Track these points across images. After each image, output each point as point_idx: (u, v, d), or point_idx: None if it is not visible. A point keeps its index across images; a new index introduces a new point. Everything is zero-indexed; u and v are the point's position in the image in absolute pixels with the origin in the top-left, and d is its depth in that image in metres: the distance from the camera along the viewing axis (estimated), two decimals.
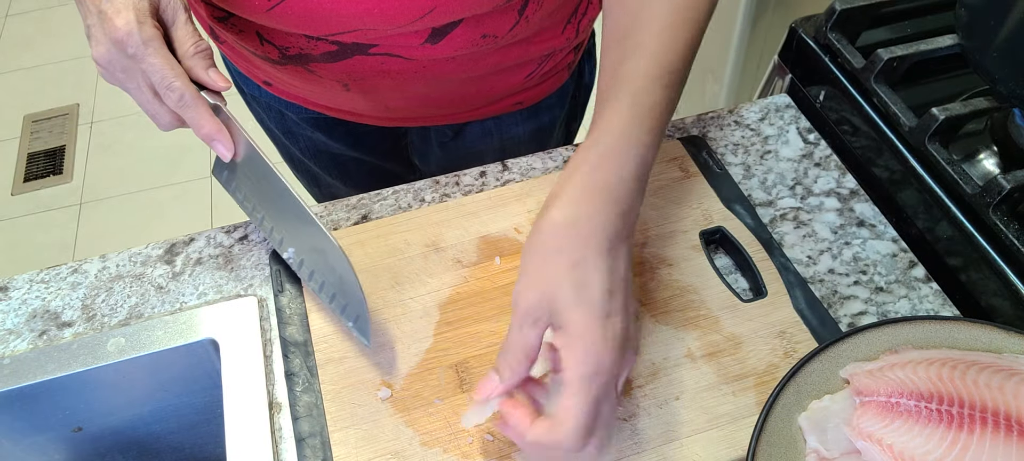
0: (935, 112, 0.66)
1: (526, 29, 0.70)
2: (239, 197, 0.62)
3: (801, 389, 0.51)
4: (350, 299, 0.57)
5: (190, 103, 0.55)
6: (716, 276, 0.62)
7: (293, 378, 0.57)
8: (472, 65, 0.71)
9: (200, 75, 0.55)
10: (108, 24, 0.52)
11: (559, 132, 0.89)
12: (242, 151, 0.59)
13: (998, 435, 0.46)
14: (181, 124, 0.57)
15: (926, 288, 0.62)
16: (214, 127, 0.56)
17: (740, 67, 1.63)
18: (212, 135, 0.56)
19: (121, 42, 0.52)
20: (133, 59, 0.53)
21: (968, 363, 0.50)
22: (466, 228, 0.66)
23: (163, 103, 0.56)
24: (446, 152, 0.89)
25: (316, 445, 0.53)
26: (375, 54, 0.68)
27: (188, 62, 0.55)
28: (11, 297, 0.64)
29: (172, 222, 1.97)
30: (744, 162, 0.72)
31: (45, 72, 2.43)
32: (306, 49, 0.68)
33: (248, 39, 0.69)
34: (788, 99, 0.78)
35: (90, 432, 0.66)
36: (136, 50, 0.52)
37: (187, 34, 0.55)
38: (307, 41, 0.67)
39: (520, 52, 0.73)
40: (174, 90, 0.54)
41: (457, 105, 0.79)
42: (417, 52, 0.67)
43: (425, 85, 0.73)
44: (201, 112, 0.56)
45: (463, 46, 0.68)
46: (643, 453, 0.52)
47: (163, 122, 0.57)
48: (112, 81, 0.56)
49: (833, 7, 0.77)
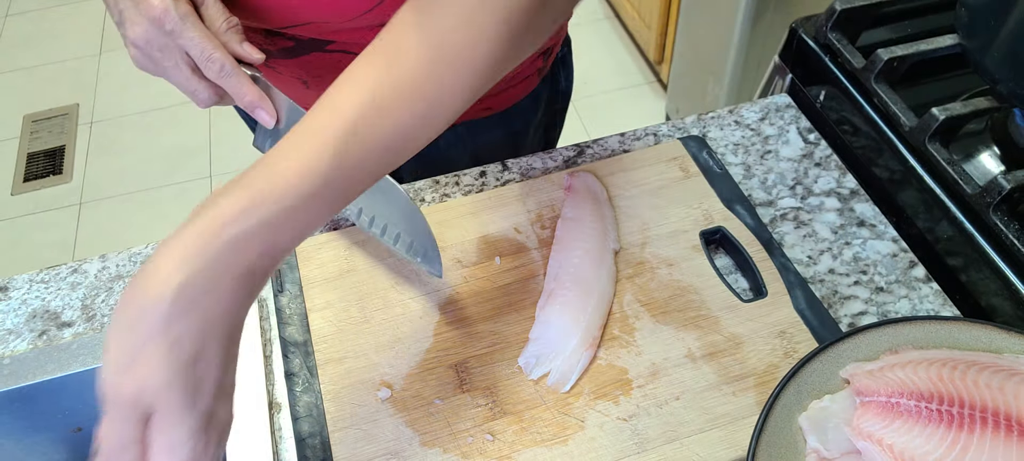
0: (935, 112, 0.66)
1: None
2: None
3: (801, 389, 0.51)
4: (416, 234, 0.59)
5: (231, 72, 0.56)
6: (716, 276, 0.62)
7: (293, 378, 0.57)
8: None
9: (235, 48, 0.57)
10: (144, 4, 0.54)
11: (534, 138, 0.89)
12: (284, 116, 0.60)
13: (998, 435, 0.46)
14: (220, 99, 0.59)
15: (926, 288, 0.62)
16: (256, 94, 0.58)
17: (740, 67, 1.63)
18: (255, 102, 0.58)
19: (158, 20, 0.54)
20: (171, 35, 0.54)
21: (968, 363, 0.50)
22: (466, 228, 0.66)
23: (202, 79, 0.57)
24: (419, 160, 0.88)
25: (316, 445, 0.53)
26: (332, 51, 0.68)
27: (222, 37, 0.57)
28: (11, 297, 0.64)
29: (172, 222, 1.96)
30: (744, 162, 0.72)
31: (45, 72, 2.42)
32: (264, 45, 0.68)
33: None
34: (788, 99, 0.78)
35: (90, 432, 0.66)
36: (174, 26, 0.54)
37: (218, 11, 0.57)
38: (265, 38, 0.67)
39: None
40: (214, 61, 0.55)
41: None
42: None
43: None
44: (243, 80, 0.57)
45: None
46: (643, 453, 0.52)
47: (202, 97, 0.58)
48: (146, 64, 0.57)
49: (833, 7, 0.77)
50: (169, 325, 0.39)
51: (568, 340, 0.57)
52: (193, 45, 0.55)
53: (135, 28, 0.55)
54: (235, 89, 0.57)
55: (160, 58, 0.56)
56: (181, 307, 0.39)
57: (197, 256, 0.39)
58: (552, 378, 0.56)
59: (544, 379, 0.56)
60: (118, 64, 2.43)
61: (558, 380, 0.56)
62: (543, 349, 0.57)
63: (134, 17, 0.55)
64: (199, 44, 0.55)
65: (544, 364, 0.56)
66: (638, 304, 0.60)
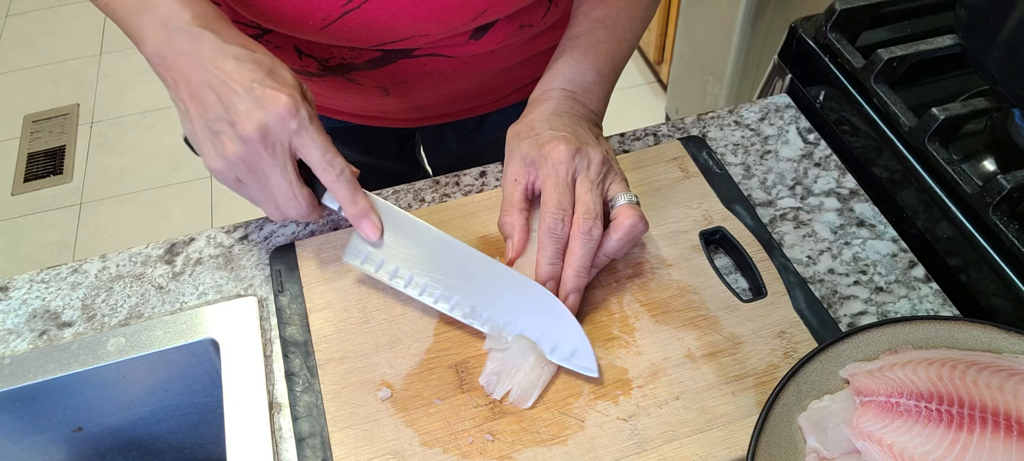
0: (935, 112, 0.66)
1: (556, 14, 0.72)
2: (386, 273, 0.59)
3: (801, 389, 0.51)
4: (562, 334, 0.55)
5: (349, 177, 0.55)
6: (716, 276, 0.62)
7: (293, 378, 0.57)
8: (507, 57, 0.74)
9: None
10: (270, 99, 0.52)
11: None
12: (389, 227, 0.58)
13: (998, 435, 0.46)
14: (311, 212, 0.57)
15: (926, 288, 0.62)
16: (367, 204, 0.57)
17: (740, 67, 1.63)
18: (365, 212, 0.57)
19: (283, 117, 0.52)
20: (292, 133, 0.53)
21: (968, 363, 0.50)
22: (466, 228, 0.66)
23: (304, 186, 0.55)
24: (464, 144, 0.90)
25: (316, 445, 0.53)
26: (418, 56, 0.68)
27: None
28: (11, 297, 0.64)
29: (172, 222, 1.97)
30: (744, 162, 0.72)
31: (45, 72, 2.43)
32: (349, 59, 0.68)
33: (284, 54, 0.69)
34: (788, 99, 0.78)
35: (90, 432, 0.66)
36: (300, 123, 0.52)
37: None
38: (351, 51, 0.67)
39: (549, 38, 0.75)
40: (336, 164, 0.54)
41: (485, 97, 0.81)
42: (460, 49, 0.69)
43: (462, 81, 0.75)
44: (356, 188, 0.56)
45: (503, 39, 0.70)
46: (643, 453, 0.52)
47: (301, 208, 0.56)
48: (239, 170, 0.54)
49: (833, 7, 0.77)
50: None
51: (525, 356, 0.55)
52: (314, 146, 0.53)
53: (247, 124, 0.52)
54: (347, 196, 0.56)
55: (261, 160, 0.53)
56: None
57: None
58: (513, 395, 0.54)
59: (507, 397, 0.55)
60: (118, 64, 2.43)
61: (520, 396, 0.54)
62: (502, 366, 0.56)
63: (249, 111, 0.52)
64: (322, 145, 0.53)
65: (505, 382, 0.55)
66: (637, 304, 0.60)
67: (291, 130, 0.53)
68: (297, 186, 0.55)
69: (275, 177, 0.54)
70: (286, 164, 0.54)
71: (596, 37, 0.64)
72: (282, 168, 0.54)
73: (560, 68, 0.64)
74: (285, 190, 0.55)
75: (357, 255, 0.59)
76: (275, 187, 0.55)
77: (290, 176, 0.54)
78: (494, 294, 0.57)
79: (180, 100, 0.54)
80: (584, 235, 0.56)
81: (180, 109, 0.55)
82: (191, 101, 0.53)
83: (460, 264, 0.59)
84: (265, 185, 0.55)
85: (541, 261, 0.57)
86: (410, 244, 0.59)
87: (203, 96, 0.53)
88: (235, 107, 0.52)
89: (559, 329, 0.56)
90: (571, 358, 0.55)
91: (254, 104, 0.52)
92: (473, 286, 0.58)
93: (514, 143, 0.61)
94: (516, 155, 0.60)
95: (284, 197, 0.55)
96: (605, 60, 0.65)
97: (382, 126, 0.83)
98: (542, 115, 0.61)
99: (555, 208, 0.56)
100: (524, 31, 0.70)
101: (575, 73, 0.63)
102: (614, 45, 0.65)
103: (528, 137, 0.60)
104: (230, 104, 0.52)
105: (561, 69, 0.64)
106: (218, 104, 0.52)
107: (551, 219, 0.56)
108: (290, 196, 0.55)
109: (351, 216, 0.57)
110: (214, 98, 0.52)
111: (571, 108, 0.62)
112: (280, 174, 0.54)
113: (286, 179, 0.54)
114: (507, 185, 0.60)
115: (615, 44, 0.65)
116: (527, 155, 0.59)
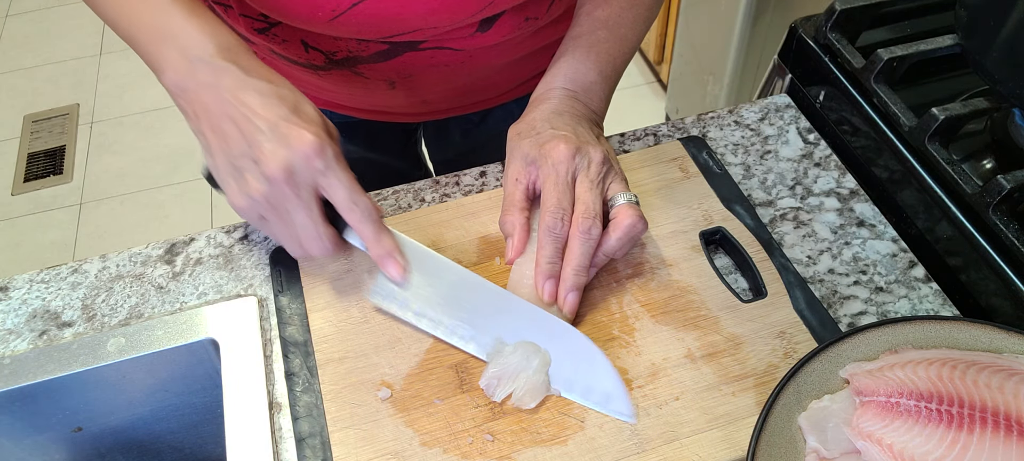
0: (935, 112, 0.66)
1: (561, 7, 0.72)
2: (412, 314, 0.58)
3: (801, 389, 0.51)
4: (594, 376, 0.54)
5: (375, 217, 0.55)
6: (716, 276, 0.62)
7: (293, 378, 0.57)
8: (513, 50, 0.74)
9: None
10: (296, 137, 0.51)
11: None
12: (413, 265, 0.57)
13: (998, 435, 0.46)
14: (334, 250, 0.56)
15: (926, 288, 0.62)
16: (392, 243, 0.56)
17: (740, 67, 1.63)
18: (391, 252, 0.56)
19: (309, 156, 0.51)
20: (318, 173, 0.52)
21: (968, 363, 0.50)
22: (466, 228, 0.66)
23: (325, 225, 0.54)
24: (467, 139, 0.90)
25: (316, 445, 0.53)
26: (425, 49, 0.68)
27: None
28: (11, 297, 0.64)
29: (172, 222, 1.97)
30: (744, 162, 0.72)
31: (45, 72, 2.43)
32: (356, 52, 0.68)
33: (291, 48, 0.69)
34: (788, 99, 0.78)
35: (90, 432, 0.66)
36: (327, 162, 0.51)
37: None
38: (358, 44, 0.67)
39: (554, 32, 0.76)
40: (361, 204, 0.53)
41: (490, 91, 0.81)
42: (466, 42, 0.69)
43: (467, 74, 0.75)
44: (382, 227, 0.55)
45: (509, 31, 0.70)
46: (643, 453, 0.52)
47: (325, 245, 0.55)
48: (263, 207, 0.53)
49: (833, 7, 0.77)
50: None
51: (529, 361, 0.55)
52: (340, 186, 0.52)
53: (272, 163, 0.50)
54: (372, 235, 0.55)
55: (285, 200, 0.52)
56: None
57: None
58: (516, 397, 0.54)
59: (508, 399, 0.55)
60: (118, 64, 2.43)
61: (523, 397, 0.54)
62: (503, 370, 0.55)
63: (274, 150, 0.50)
64: (348, 184, 0.53)
65: (506, 385, 0.55)
66: (637, 304, 0.60)
67: (317, 170, 0.52)
68: (321, 225, 0.54)
69: (299, 216, 0.53)
70: (311, 204, 0.53)
71: (598, 37, 0.65)
72: (307, 208, 0.53)
73: (562, 67, 0.64)
74: (309, 230, 0.54)
75: (383, 295, 0.58)
76: (299, 226, 0.54)
77: (315, 216, 0.53)
78: (521, 333, 0.57)
79: (201, 133, 0.53)
80: (583, 234, 0.56)
81: (202, 143, 0.53)
82: (213, 135, 0.52)
83: (485, 301, 0.58)
84: (289, 223, 0.54)
85: (541, 260, 0.57)
86: (433, 280, 0.58)
87: (225, 130, 0.51)
88: (259, 145, 0.51)
89: (591, 370, 0.55)
90: (606, 403, 0.54)
91: (279, 142, 0.50)
92: (500, 326, 0.57)
93: (515, 142, 0.61)
94: (517, 154, 0.60)
95: (308, 236, 0.54)
96: (607, 60, 0.65)
97: (387, 121, 0.83)
98: (543, 114, 0.61)
99: (555, 207, 0.57)
100: (530, 24, 0.71)
101: (577, 73, 0.64)
102: (616, 45, 0.65)
103: (529, 136, 0.60)
104: (254, 141, 0.51)
105: (563, 68, 0.64)
106: (241, 140, 0.51)
107: (550, 218, 0.56)
108: (314, 236, 0.54)
109: (376, 257, 0.56)
110: (237, 133, 0.51)
111: (572, 108, 0.62)
112: (305, 214, 0.53)
113: (311, 219, 0.53)
114: (508, 184, 0.60)
115: (617, 44, 0.65)
116: (528, 154, 0.59)
